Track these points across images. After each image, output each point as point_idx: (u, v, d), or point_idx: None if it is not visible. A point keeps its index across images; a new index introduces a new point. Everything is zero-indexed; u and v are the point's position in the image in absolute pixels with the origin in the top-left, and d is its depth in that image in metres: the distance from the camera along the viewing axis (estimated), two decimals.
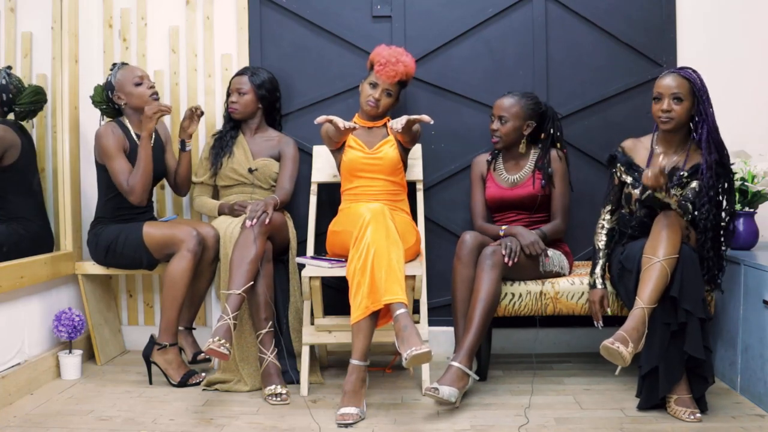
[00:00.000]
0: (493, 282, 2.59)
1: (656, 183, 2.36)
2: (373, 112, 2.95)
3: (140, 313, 3.39)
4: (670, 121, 2.54)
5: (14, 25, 3.25)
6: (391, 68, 2.88)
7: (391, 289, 2.41)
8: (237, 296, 2.56)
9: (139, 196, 2.85)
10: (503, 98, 2.90)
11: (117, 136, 2.89)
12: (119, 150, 2.87)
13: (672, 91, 2.52)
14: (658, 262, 2.35)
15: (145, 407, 2.57)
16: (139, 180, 2.84)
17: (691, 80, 2.53)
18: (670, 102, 2.52)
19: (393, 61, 2.89)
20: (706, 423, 2.33)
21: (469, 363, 2.52)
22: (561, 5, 3.23)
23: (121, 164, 2.86)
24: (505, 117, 2.86)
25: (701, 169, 2.51)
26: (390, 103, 2.96)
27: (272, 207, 2.76)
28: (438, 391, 2.42)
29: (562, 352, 3.22)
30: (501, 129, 2.87)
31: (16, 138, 2.94)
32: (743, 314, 2.58)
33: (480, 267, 2.63)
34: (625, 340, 2.26)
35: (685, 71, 2.56)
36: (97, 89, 3.05)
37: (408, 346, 2.30)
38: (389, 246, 2.47)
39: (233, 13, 3.29)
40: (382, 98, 2.92)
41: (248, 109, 3.08)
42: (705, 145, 2.50)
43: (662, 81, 2.56)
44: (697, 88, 2.52)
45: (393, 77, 2.90)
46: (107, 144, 2.86)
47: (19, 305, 2.79)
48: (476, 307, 2.57)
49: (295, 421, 2.41)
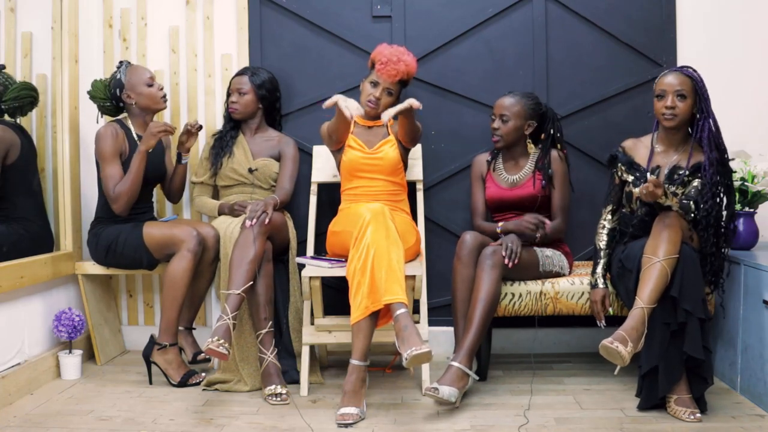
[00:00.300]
0: (493, 282, 2.59)
1: (652, 198, 2.38)
2: (373, 112, 2.94)
3: (140, 313, 3.39)
4: (674, 118, 2.55)
5: (14, 25, 3.25)
6: (393, 67, 2.87)
7: (392, 289, 2.41)
8: (236, 296, 2.56)
9: (122, 205, 2.86)
10: (504, 97, 2.90)
11: (116, 139, 2.88)
12: (115, 155, 2.87)
13: (675, 89, 2.54)
14: (658, 262, 2.35)
15: (145, 407, 2.57)
16: (126, 190, 2.84)
17: (693, 78, 2.55)
18: (674, 99, 2.54)
19: (394, 60, 2.87)
20: (706, 423, 2.32)
21: (469, 363, 2.52)
22: (561, 5, 3.23)
23: (112, 170, 2.86)
24: (507, 116, 2.86)
25: (704, 166, 2.52)
26: (390, 102, 2.93)
27: (272, 207, 2.76)
28: (438, 391, 2.42)
29: (562, 352, 3.22)
30: (502, 128, 2.86)
31: (15, 138, 2.93)
32: (743, 314, 2.58)
33: (480, 267, 2.63)
34: (624, 340, 2.26)
35: (686, 70, 2.58)
36: (97, 85, 3.03)
37: (408, 346, 2.30)
38: (389, 246, 2.47)
39: (233, 13, 3.29)
40: (382, 97, 2.91)
41: (248, 109, 3.08)
42: (707, 142, 2.52)
43: (665, 79, 2.58)
44: (698, 86, 2.54)
45: (394, 76, 2.89)
46: (104, 147, 2.86)
47: (19, 305, 2.79)
48: (476, 307, 2.57)
49: (295, 421, 2.41)
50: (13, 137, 2.93)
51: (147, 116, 3.00)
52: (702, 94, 2.54)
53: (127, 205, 2.86)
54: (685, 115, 2.55)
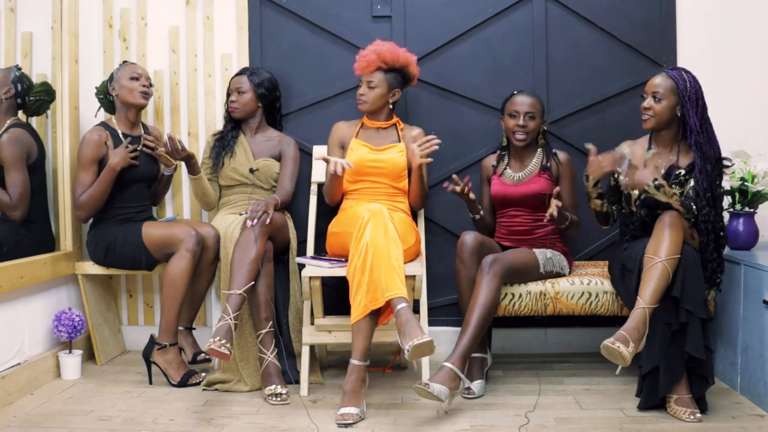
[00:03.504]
0: (492, 290, 2.58)
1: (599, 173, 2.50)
2: (364, 108, 2.97)
3: (140, 313, 3.39)
4: (649, 119, 2.60)
5: (14, 25, 3.25)
6: (363, 60, 2.94)
7: (392, 284, 2.41)
8: (238, 296, 2.56)
9: (84, 214, 2.89)
10: (525, 96, 2.86)
11: (97, 145, 2.89)
12: (91, 162, 2.89)
13: (653, 90, 2.58)
14: (660, 262, 2.35)
15: (145, 407, 2.57)
16: (88, 200, 2.86)
17: (675, 80, 2.55)
18: (651, 100, 2.58)
19: (364, 53, 2.95)
20: (706, 423, 2.33)
21: (461, 366, 2.48)
22: (561, 5, 3.23)
23: (84, 177, 2.88)
24: (532, 113, 2.85)
25: (695, 172, 2.53)
26: (378, 94, 2.94)
27: (273, 207, 2.76)
28: (429, 386, 2.39)
29: (562, 352, 3.22)
30: (529, 125, 2.86)
31: (32, 140, 2.97)
32: (743, 314, 2.58)
33: (480, 274, 2.61)
34: (626, 340, 2.26)
35: (673, 71, 2.59)
36: (103, 83, 3.09)
37: (410, 338, 2.29)
38: (388, 244, 2.47)
39: (233, 13, 3.29)
40: (366, 92, 2.94)
41: (248, 108, 3.08)
42: (695, 147, 2.53)
43: (650, 80, 2.62)
44: (681, 88, 2.54)
45: (366, 68, 2.93)
46: (82, 152, 2.89)
47: (19, 305, 2.79)
48: (473, 312, 2.56)
49: (295, 421, 2.41)
50: (31, 140, 2.96)
51: (129, 112, 3.00)
52: (683, 96, 2.53)
53: (88, 215, 2.90)
54: (661, 116, 2.57)
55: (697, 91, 2.54)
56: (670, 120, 2.59)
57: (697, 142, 2.53)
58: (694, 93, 2.54)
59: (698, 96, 2.55)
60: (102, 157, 2.91)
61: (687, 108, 2.53)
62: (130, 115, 3.00)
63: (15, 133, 2.91)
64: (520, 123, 2.84)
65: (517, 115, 2.86)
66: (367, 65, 2.92)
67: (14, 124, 2.95)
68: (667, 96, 2.55)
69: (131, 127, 3.02)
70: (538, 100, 2.88)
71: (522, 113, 2.85)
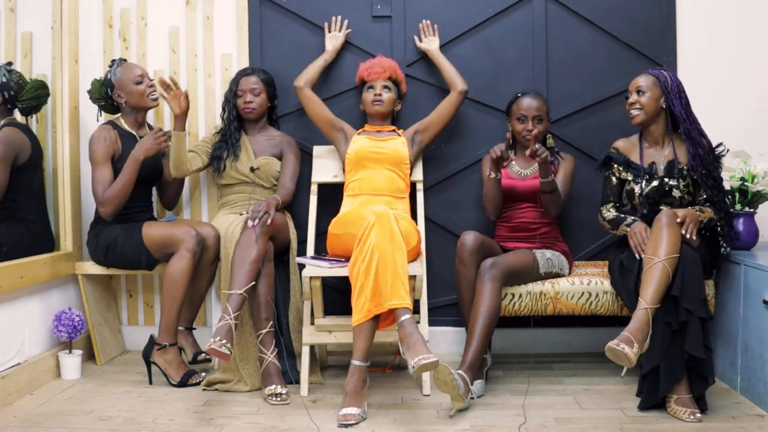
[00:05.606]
0: (493, 297, 2.58)
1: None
2: (381, 109, 3.03)
3: (140, 313, 3.39)
4: (638, 112, 2.68)
5: (14, 25, 3.25)
6: (378, 66, 3.06)
7: (396, 293, 2.41)
8: (238, 296, 2.56)
9: (110, 209, 2.86)
10: (532, 99, 2.89)
11: (108, 142, 2.89)
12: (106, 159, 2.88)
13: (636, 86, 2.68)
14: (659, 262, 2.36)
15: (145, 407, 2.57)
16: (115, 194, 2.84)
17: (655, 75, 2.67)
18: (635, 95, 2.68)
19: (376, 62, 3.07)
20: (706, 423, 2.33)
21: (472, 376, 2.51)
22: (561, 5, 3.23)
23: (102, 173, 2.87)
24: (540, 116, 2.89)
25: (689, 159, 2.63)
26: (392, 98, 3.05)
27: (274, 207, 2.77)
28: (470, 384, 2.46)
29: (562, 352, 3.22)
30: (538, 127, 2.86)
31: (26, 140, 2.96)
32: (743, 314, 2.59)
33: (480, 280, 2.62)
34: (630, 341, 2.26)
35: (653, 70, 2.71)
36: (95, 84, 3.06)
37: (414, 354, 2.29)
38: (394, 250, 2.47)
39: (233, 13, 3.29)
40: (383, 93, 3.02)
41: (263, 108, 3.11)
42: (684, 136, 2.63)
43: (631, 82, 2.72)
44: (662, 82, 2.65)
45: (382, 73, 3.04)
46: (95, 150, 2.88)
47: (19, 305, 2.79)
48: (477, 321, 2.56)
49: (295, 421, 2.41)
50: (24, 139, 2.95)
51: (138, 114, 3.01)
52: (669, 87, 2.63)
53: (114, 210, 2.87)
54: (648, 109, 2.66)
55: (678, 85, 2.66)
56: (657, 112, 2.67)
57: (686, 130, 2.62)
58: (675, 86, 2.65)
59: (680, 89, 2.66)
60: (113, 154, 2.91)
61: (671, 98, 2.64)
62: (140, 117, 3.03)
63: (4, 132, 2.91)
64: (529, 128, 2.87)
65: (526, 120, 2.87)
66: (384, 71, 3.05)
67: (7, 124, 2.96)
68: (651, 89, 2.66)
69: (138, 127, 3.02)
70: (544, 102, 2.91)
71: (530, 117, 2.87)
